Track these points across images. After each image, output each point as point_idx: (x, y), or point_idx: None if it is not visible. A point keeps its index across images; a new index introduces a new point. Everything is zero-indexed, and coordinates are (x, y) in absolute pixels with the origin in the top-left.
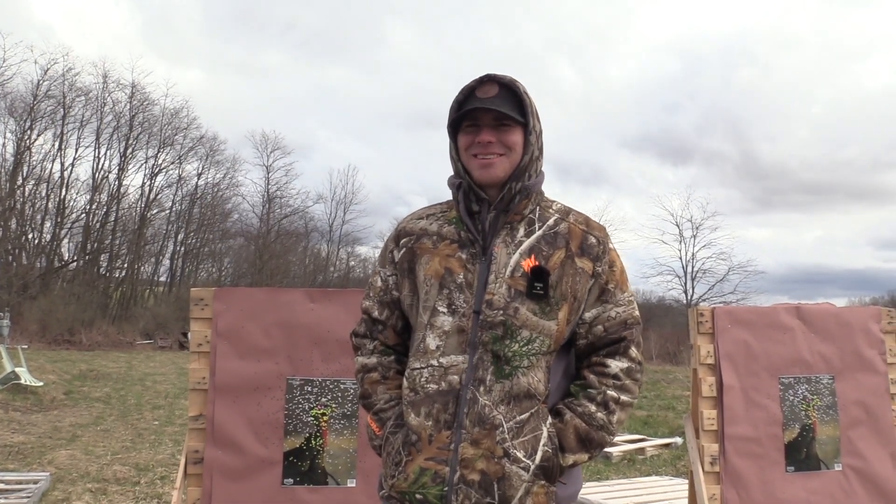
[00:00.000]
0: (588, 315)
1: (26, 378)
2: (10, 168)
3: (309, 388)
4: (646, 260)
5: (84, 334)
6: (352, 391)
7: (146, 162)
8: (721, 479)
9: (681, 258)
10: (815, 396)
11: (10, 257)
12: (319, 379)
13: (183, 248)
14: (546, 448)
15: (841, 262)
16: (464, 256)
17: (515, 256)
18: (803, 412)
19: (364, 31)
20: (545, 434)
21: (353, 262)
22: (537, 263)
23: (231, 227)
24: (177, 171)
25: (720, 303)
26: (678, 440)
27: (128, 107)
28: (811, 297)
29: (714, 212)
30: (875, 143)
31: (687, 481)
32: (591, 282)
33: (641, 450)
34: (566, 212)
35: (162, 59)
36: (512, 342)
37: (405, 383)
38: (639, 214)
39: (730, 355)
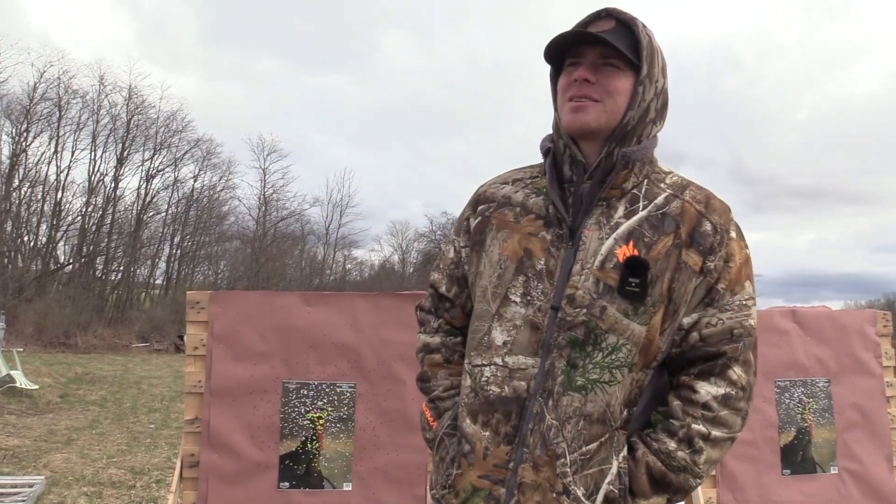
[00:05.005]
0: (686, 320)
1: (21, 381)
2: (6, 171)
3: (305, 392)
4: None
5: (80, 337)
6: (348, 394)
7: (142, 165)
8: (717, 483)
9: None
10: (811, 399)
11: (6, 260)
12: (315, 382)
13: (179, 251)
14: (611, 487)
15: (835, 265)
16: (548, 237)
17: (609, 242)
18: (799, 415)
19: (358, 38)
20: (614, 470)
21: (349, 266)
22: (636, 252)
23: (227, 230)
24: (173, 174)
25: None
26: None
27: (124, 109)
28: (806, 301)
29: None
30: (861, 149)
31: None
32: (698, 280)
33: None
34: (682, 186)
35: (157, 67)
36: (594, 350)
37: (465, 381)
38: None
39: None
